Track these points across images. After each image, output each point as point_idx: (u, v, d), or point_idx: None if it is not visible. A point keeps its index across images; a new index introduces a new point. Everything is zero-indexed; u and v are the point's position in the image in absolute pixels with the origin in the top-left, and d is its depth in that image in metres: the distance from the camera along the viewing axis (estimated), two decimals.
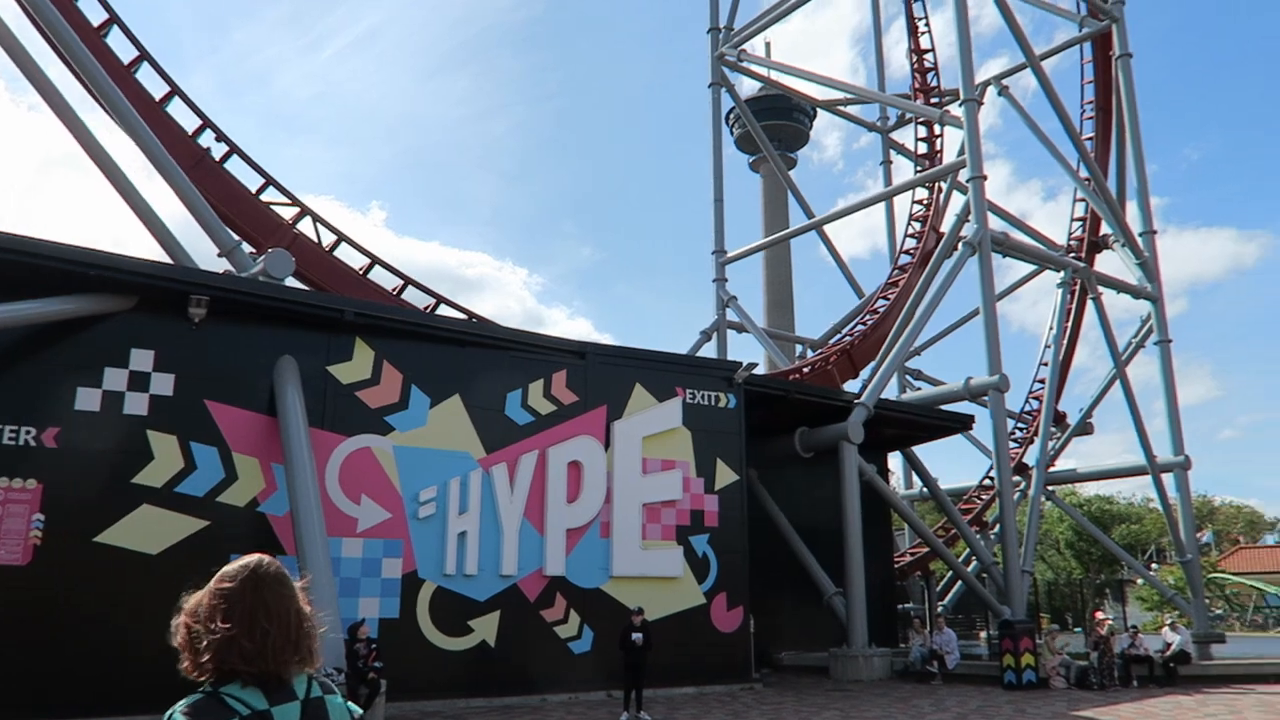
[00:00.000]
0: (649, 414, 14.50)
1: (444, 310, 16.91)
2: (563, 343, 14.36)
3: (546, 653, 12.88)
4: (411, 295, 17.01)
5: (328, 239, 16.77)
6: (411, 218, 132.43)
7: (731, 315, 17.56)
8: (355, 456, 12.30)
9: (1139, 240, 16.64)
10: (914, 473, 21.48)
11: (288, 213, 16.53)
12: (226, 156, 16.13)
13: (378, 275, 16.87)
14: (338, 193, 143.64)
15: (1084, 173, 16.79)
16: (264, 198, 16.33)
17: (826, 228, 18.86)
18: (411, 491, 12.49)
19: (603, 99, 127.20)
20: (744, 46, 17.66)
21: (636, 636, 11.32)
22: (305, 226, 16.59)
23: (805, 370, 17.78)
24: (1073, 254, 18.05)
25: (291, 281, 12.88)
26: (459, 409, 13.07)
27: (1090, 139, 18.56)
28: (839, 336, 18.01)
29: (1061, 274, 16.92)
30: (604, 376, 14.32)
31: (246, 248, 13.90)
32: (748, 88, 29.37)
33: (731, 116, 39.76)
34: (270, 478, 11.60)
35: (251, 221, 15.79)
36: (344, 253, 16.75)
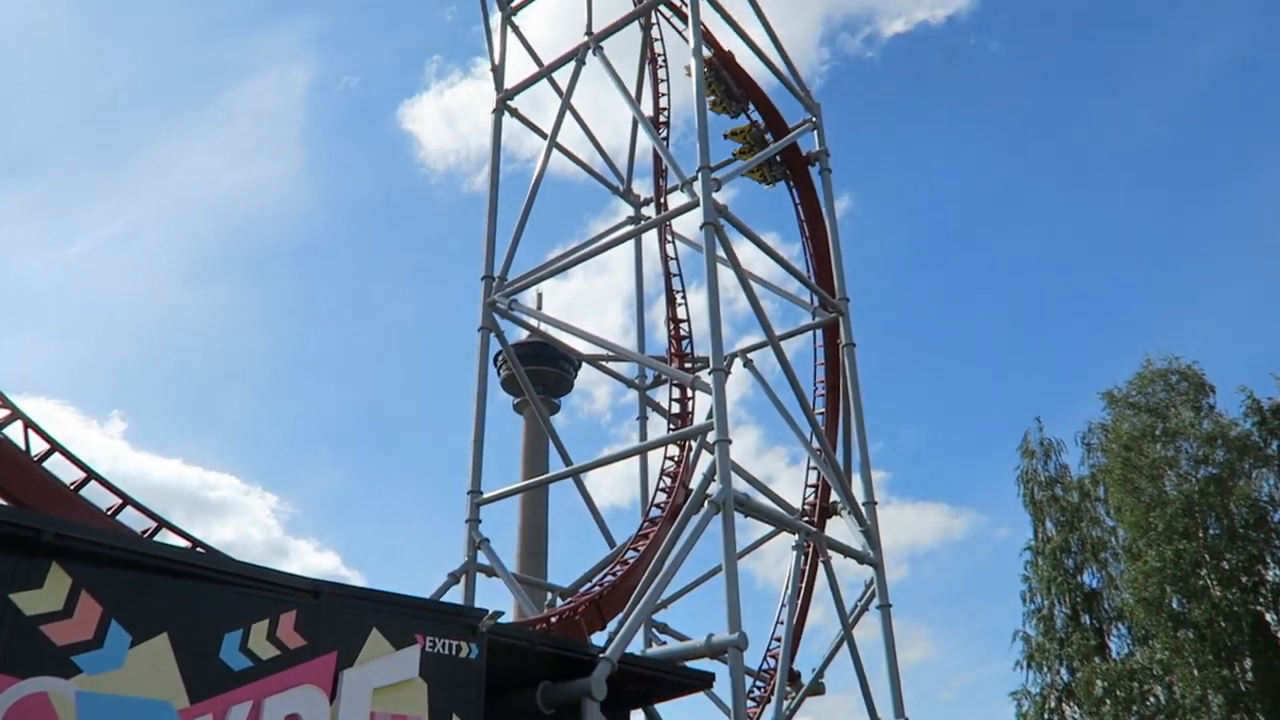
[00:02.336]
0: (383, 663, 13.49)
1: (165, 536, 15.38)
2: (295, 580, 13.31)
3: None
4: (132, 517, 15.41)
5: (40, 447, 15.10)
6: (154, 430, 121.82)
7: (482, 559, 17.15)
8: (25, 704, 10.46)
9: (862, 510, 18.14)
10: None
11: None
12: None
13: (93, 492, 15.23)
14: (73, 398, 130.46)
15: (816, 444, 18.36)
16: None
17: (589, 476, 19.34)
18: None
19: (372, 327, 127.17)
20: (516, 297, 18.47)
21: None
22: (15, 431, 14.91)
23: (553, 620, 17.39)
24: (806, 518, 19.34)
25: None
26: (165, 650, 11.59)
27: (822, 414, 20.49)
28: (588, 586, 17.91)
29: (796, 536, 18.00)
30: (338, 619, 13.30)
31: None
32: (519, 332, 30.51)
33: (499, 358, 40.82)
34: None
35: None
36: (57, 464, 15.09)
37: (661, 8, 20.61)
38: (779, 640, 21.11)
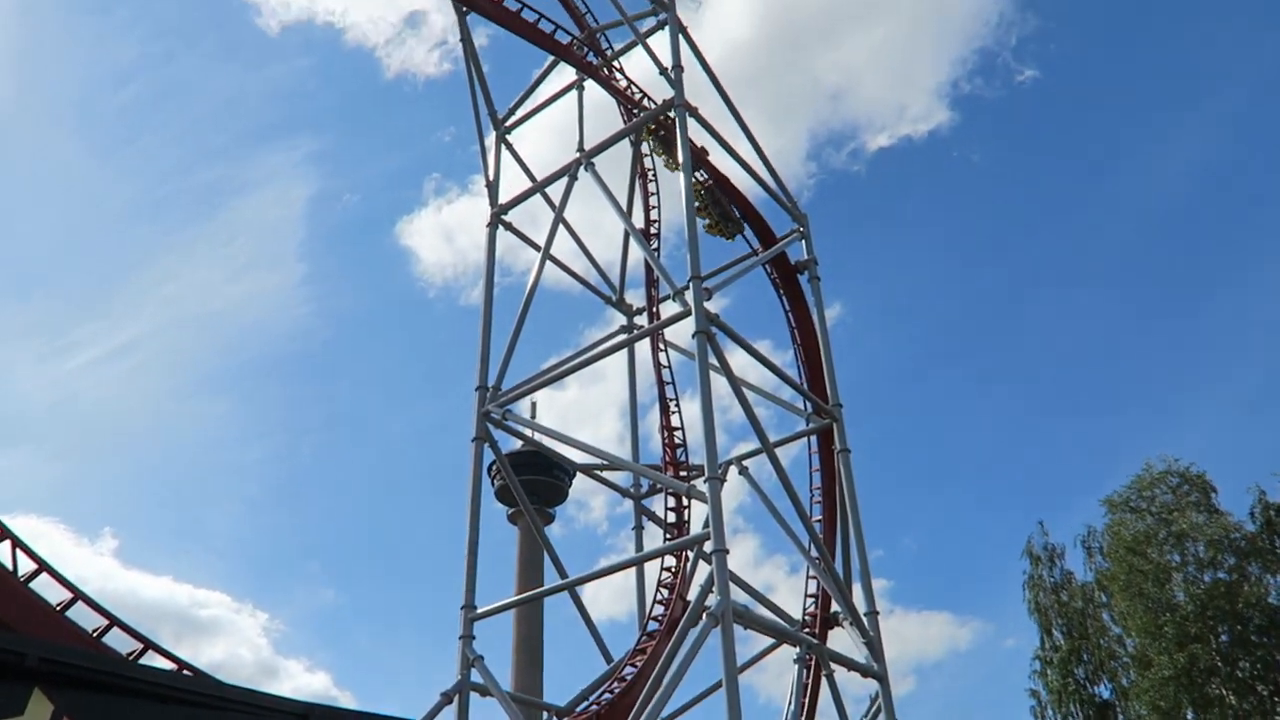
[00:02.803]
0: None
1: (152, 658, 14.99)
2: (284, 703, 12.88)
3: None
4: (119, 639, 15.03)
5: (27, 566, 14.84)
6: (145, 547, 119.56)
7: (476, 677, 16.68)
8: None
9: (864, 620, 17.75)
10: None
11: None
12: None
13: (80, 613, 14.91)
14: (64, 515, 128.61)
15: (815, 552, 18.13)
16: None
17: (586, 588, 18.95)
18: None
19: (364, 438, 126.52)
20: (510, 406, 18.49)
21: None
22: (3, 551, 14.67)
23: None
24: (807, 629, 18.93)
25: None
26: None
27: (819, 521, 20.28)
28: (586, 705, 17.39)
29: (798, 649, 17.61)
30: None
31: None
32: (514, 444, 30.43)
33: (493, 469, 40.53)
34: None
35: None
36: (44, 584, 14.81)
37: (650, 125, 21.31)
38: None
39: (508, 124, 22.67)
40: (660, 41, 20.10)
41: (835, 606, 18.97)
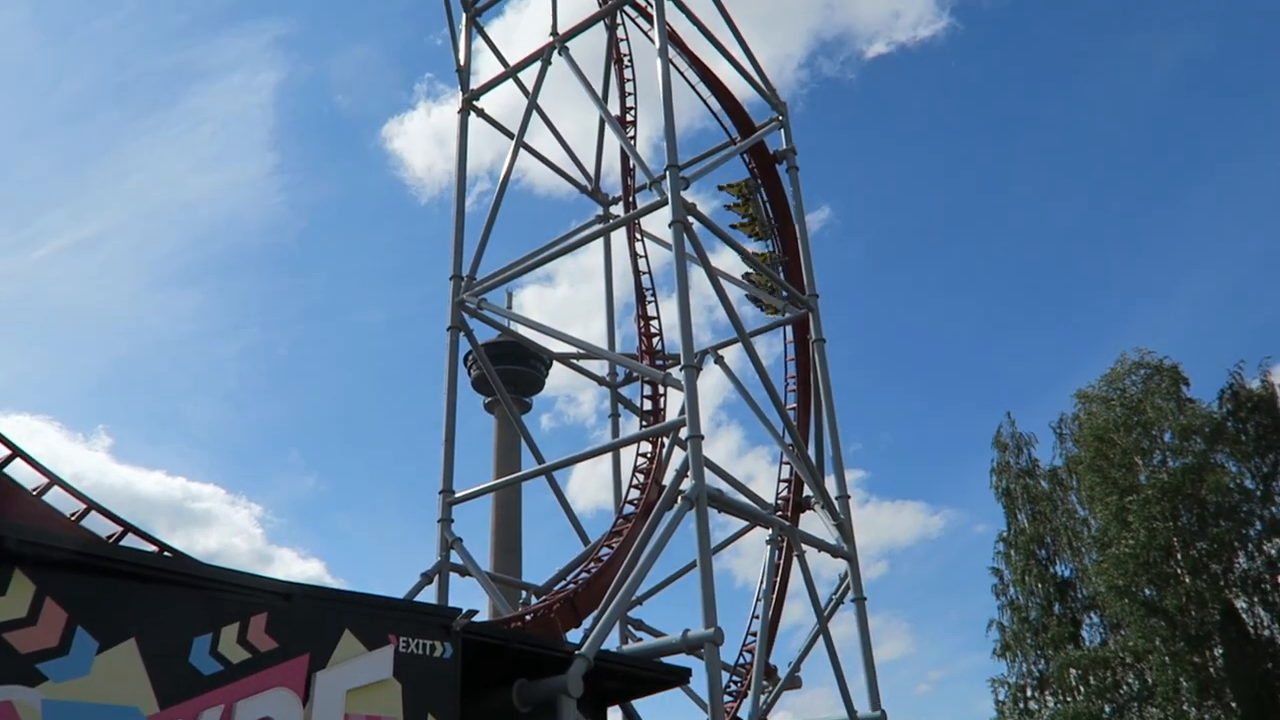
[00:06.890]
0: (356, 664, 13.38)
1: (132, 541, 15.19)
2: (265, 582, 13.17)
3: None
4: (97, 523, 15.19)
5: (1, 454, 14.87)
6: (136, 443, 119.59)
7: (456, 558, 17.07)
8: None
9: (835, 504, 18.20)
10: None
11: None
12: None
13: (56, 498, 15.02)
14: (56, 412, 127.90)
15: (789, 439, 18.45)
16: None
17: (573, 479, 19.35)
18: None
19: (340, 329, 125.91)
20: (487, 296, 18.40)
21: None
22: None
23: (528, 618, 17.37)
24: (780, 513, 19.42)
25: None
26: (133, 656, 11.43)
27: (794, 409, 20.58)
28: (563, 584, 17.91)
29: (770, 531, 18.10)
30: (310, 621, 13.17)
31: None
32: (492, 333, 30.43)
33: (469, 358, 40.61)
34: None
35: None
36: (19, 471, 14.86)
37: (627, 8, 20.61)
38: (755, 635, 21.17)
39: (478, 5, 21.83)
40: None
41: (808, 491, 19.42)
